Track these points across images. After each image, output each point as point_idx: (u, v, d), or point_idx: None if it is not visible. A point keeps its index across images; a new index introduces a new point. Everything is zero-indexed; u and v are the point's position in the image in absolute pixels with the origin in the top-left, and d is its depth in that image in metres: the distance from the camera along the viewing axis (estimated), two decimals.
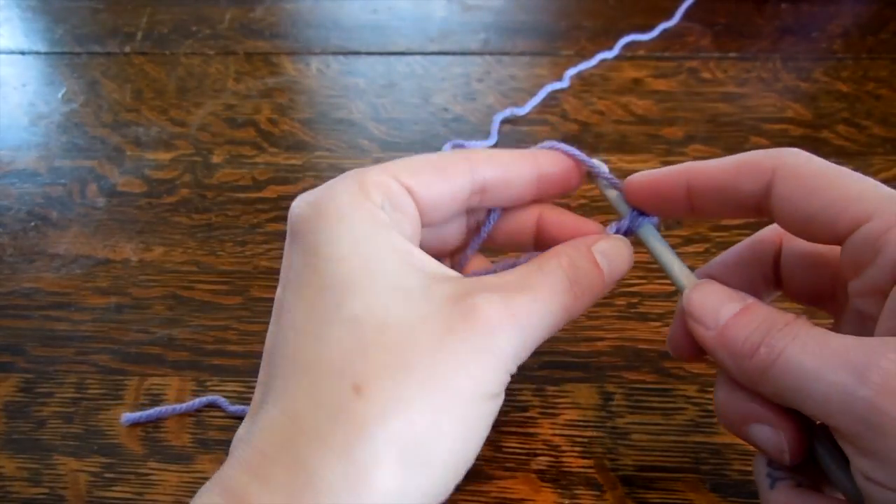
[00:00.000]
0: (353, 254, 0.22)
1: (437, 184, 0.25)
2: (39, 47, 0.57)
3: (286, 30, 0.58)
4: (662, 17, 0.57)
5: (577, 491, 0.29)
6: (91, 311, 0.37)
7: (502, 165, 0.26)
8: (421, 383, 0.20)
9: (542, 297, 0.22)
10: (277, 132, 0.48)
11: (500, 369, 0.21)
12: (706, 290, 0.23)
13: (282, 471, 0.19)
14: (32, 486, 0.30)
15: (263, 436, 0.20)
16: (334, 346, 0.20)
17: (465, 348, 0.21)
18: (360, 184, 0.23)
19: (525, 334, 0.22)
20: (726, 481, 0.29)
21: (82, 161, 0.46)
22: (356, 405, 0.19)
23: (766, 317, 0.21)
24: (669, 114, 0.48)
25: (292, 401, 0.20)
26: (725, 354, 0.22)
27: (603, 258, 0.24)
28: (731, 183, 0.23)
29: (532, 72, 0.53)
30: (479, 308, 0.21)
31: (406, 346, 0.20)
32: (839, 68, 0.52)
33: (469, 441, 0.21)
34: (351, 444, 0.19)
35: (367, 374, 0.20)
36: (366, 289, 0.21)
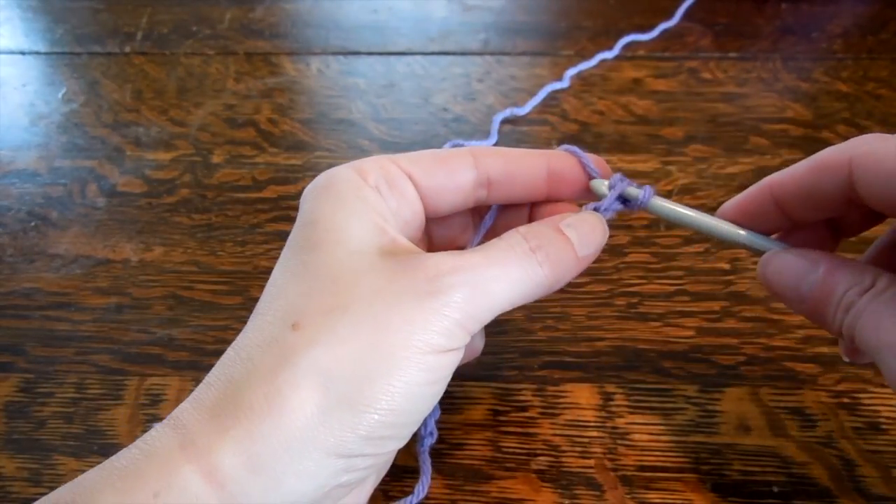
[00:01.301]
0: (329, 218, 0.23)
1: (439, 172, 0.26)
2: (39, 47, 0.57)
3: (286, 30, 0.58)
4: (662, 17, 0.57)
5: (577, 491, 0.29)
6: (91, 311, 0.37)
7: (508, 159, 0.26)
8: (353, 322, 0.21)
9: (495, 255, 0.23)
10: (277, 132, 0.48)
11: (445, 318, 0.21)
12: (780, 264, 0.24)
13: (215, 394, 0.21)
14: (32, 486, 0.30)
15: (214, 370, 0.22)
16: (290, 293, 0.22)
17: (404, 292, 0.21)
18: (356, 166, 0.25)
19: (476, 288, 0.22)
20: (726, 481, 0.29)
21: (82, 161, 0.46)
22: (289, 336, 0.21)
23: (847, 285, 0.22)
24: (669, 114, 0.48)
25: (241, 338, 0.22)
26: (823, 325, 0.23)
27: (570, 229, 0.24)
28: (814, 186, 0.23)
29: (532, 72, 0.53)
30: (424, 259, 0.22)
31: (349, 291, 0.21)
32: (839, 68, 0.52)
33: (407, 391, 0.21)
34: (275, 370, 0.20)
35: (306, 312, 0.21)
36: (329, 248, 0.23)
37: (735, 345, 0.34)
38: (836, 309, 0.22)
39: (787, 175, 0.24)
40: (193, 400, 0.21)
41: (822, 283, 0.22)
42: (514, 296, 0.23)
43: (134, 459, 0.20)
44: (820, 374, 0.33)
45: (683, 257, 0.38)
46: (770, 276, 0.24)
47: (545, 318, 0.35)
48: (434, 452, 0.30)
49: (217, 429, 0.20)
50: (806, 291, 0.23)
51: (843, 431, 0.30)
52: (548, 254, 0.23)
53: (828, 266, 0.23)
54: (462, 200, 0.26)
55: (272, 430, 0.20)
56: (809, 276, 0.23)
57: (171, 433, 0.20)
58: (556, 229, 0.24)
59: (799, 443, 0.30)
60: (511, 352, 0.34)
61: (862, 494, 0.28)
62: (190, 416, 0.21)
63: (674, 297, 0.36)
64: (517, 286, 0.23)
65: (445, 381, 0.23)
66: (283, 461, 0.20)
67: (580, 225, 0.25)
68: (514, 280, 0.23)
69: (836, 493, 0.28)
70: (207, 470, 0.19)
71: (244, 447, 0.20)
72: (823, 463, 0.29)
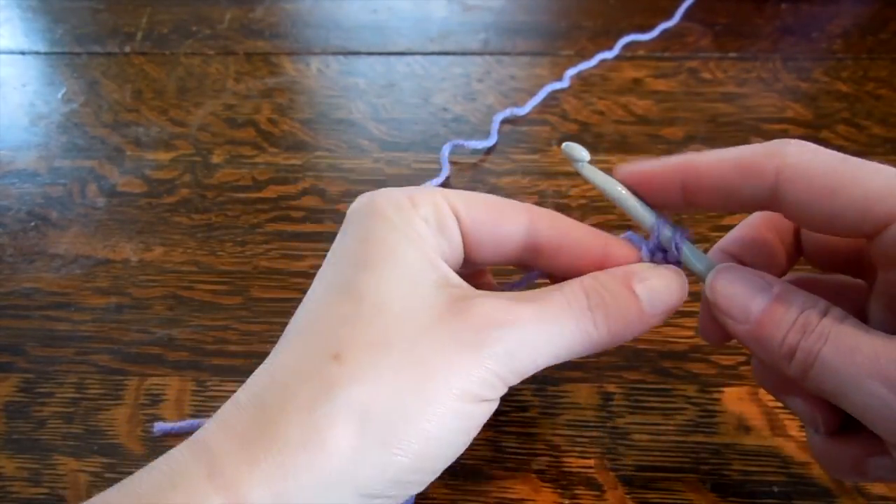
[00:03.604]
0: (381, 240, 0.22)
1: (488, 222, 0.24)
2: (39, 47, 0.57)
3: (286, 30, 0.58)
4: (662, 17, 0.57)
5: (577, 491, 0.29)
6: (91, 311, 0.37)
7: (564, 232, 0.24)
8: (396, 361, 0.20)
9: (550, 310, 0.22)
10: (277, 132, 0.48)
11: (487, 370, 0.21)
12: (730, 279, 0.22)
13: (246, 420, 0.20)
14: (32, 486, 0.30)
15: (244, 389, 0.21)
16: (332, 314, 0.21)
17: (448, 338, 0.21)
18: (409, 194, 0.24)
19: (523, 343, 0.21)
20: (726, 481, 0.29)
21: (82, 161, 0.46)
22: (329, 369, 0.20)
23: (799, 310, 0.20)
24: (669, 114, 0.48)
25: (277, 360, 0.21)
26: (762, 351, 0.21)
27: (642, 286, 0.23)
28: (733, 184, 0.22)
29: (532, 72, 0.53)
30: (474, 305, 0.21)
31: (394, 325, 0.21)
32: (839, 68, 0.52)
33: (441, 437, 0.20)
34: (314, 403, 0.20)
35: (349, 343, 0.20)
36: (379, 271, 0.22)
37: (735, 345, 0.34)
38: (789, 330, 0.20)
39: (707, 165, 0.22)
40: (221, 422, 0.20)
41: (774, 302, 0.21)
42: (561, 354, 0.22)
43: (159, 485, 0.19)
44: None
45: None
46: (719, 289, 0.22)
47: None
48: None
49: (247, 459, 0.19)
50: (755, 310, 0.21)
51: None
52: (607, 315, 0.22)
53: (781, 286, 0.21)
54: (504, 257, 0.25)
55: (304, 467, 0.19)
56: (762, 294, 0.21)
57: (198, 459, 0.20)
58: (625, 285, 0.22)
59: (799, 443, 0.30)
60: None
61: (862, 494, 0.28)
62: (218, 440, 0.20)
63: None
64: (567, 346, 0.22)
65: (476, 430, 0.22)
66: (310, 499, 0.19)
67: (655, 281, 0.23)
68: (566, 339, 0.22)
69: (836, 493, 0.28)
70: (235, 503, 0.19)
71: (275, 482, 0.19)
72: None
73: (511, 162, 0.45)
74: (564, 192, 0.42)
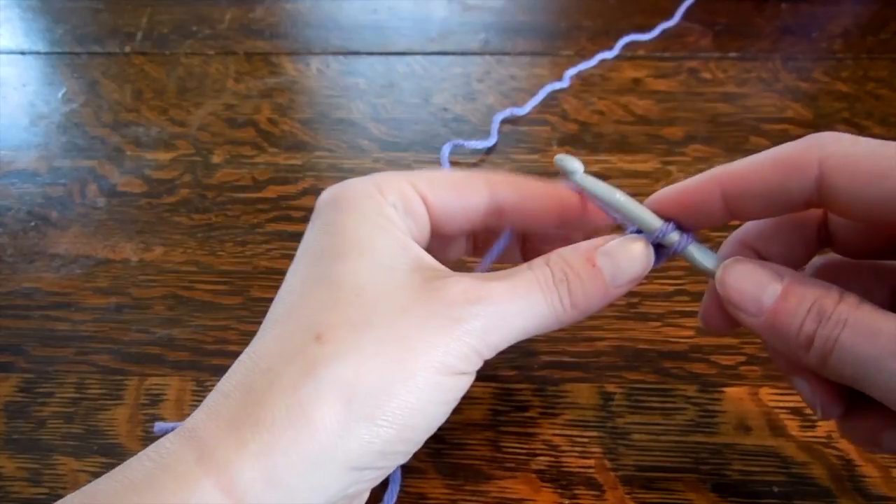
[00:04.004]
0: (353, 230, 0.23)
1: (453, 198, 0.26)
2: (39, 47, 0.57)
3: (286, 30, 0.58)
4: (662, 17, 0.57)
5: (577, 491, 0.29)
6: (91, 311, 0.37)
7: (520, 190, 0.26)
8: (378, 339, 0.21)
9: (520, 287, 0.23)
10: (277, 132, 0.48)
11: (464, 344, 0.22)
12: (740, 273, 0.22)
13: (233, 405, 0.20)
14: (32, 486, 0.30)
15: (228, 377, 0.22)
16: (313, 302, 0.22)
17: (427, 315, 0.21)
18: (376, 183, 0.25)
19: (496, 318, 0.22)
20: (726, 481, 0.29)
21: (82, 161, 0.46)
22: (312, 349, 0.21)
23: (814, 297, 0.20)
24: (669, 114, 0.48)
25: (260, 346, 0.22)
26: (779, 342, 0.21)
27: (604, 258, 0.23)
28: (776, 185, 0.21)
29: (532, 72, 0.53)
30: (449, 284, 0.22)
31: (374, 306, 0.22)
32: (839, 68, 0.52)
33: (423, 409, 0.21)
34: (298, 383, 0.20)
35: (331, 324, 0.21)
36: (354, 259, 0.23)
37: (735, 345, 0.34)
38: (805, 318, 0.20)
39: (745, 170, 0.22)
40: (209, 409, 0.21)
41: (786, 293, 0.21)
42: (531, 327, 0.23)
43: (149, 472, 0.20)
44: None
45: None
46: (730, 283, 0.22)
47: None
48: (434, 452, 0.30)
49: (236, 442, 0.20)
50: (767, 300, 0.21)
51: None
52: (571, 290, 0.23)
53: (792, 277, 0.21)
54: (470, 226, 0.27)
55: (292, 444, 0.20)
56: (772, 286, 0.21)
57: (187, 445, 0.20)
58: (587, 261, 0.23)
59: (799, 443, 0.30)
60: (511, 352, 0.34)
61: (862, 494, 0.28)
62: (206, 426, 0.20)
63: (673, 297, 0.36)
64: (536, 319, 0.23)
65: (456, 401, 0.23)
66: (300, 474, 0.20)
67: (617, 253, 0.23)
68: (535, 313, 0.23)
69: (836, 493, 0.28)
70: (226, 484, 0.19)
71: (263, 461, 0.19)
72: (823, 463, 0.29)
73: (511, 162, 0.45)
74: None
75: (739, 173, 0.22)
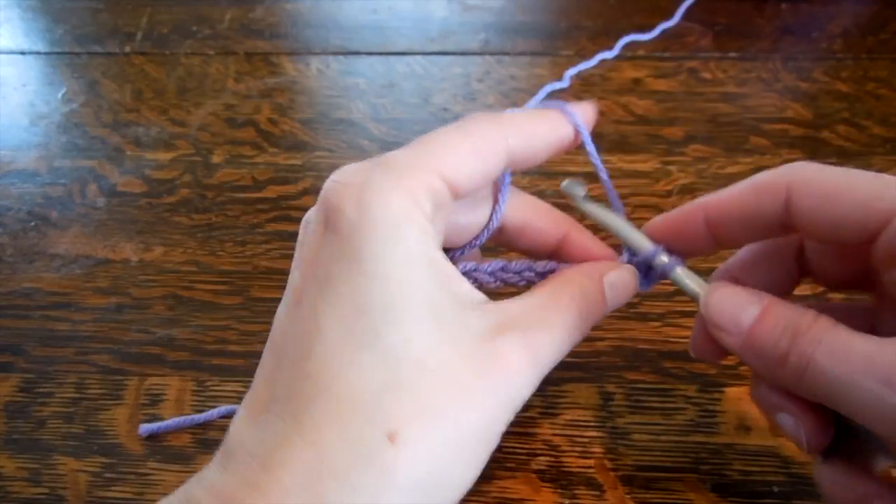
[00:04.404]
0: (397, 275, 0.21)
1: (478, 170, 0.24)
2: (39, 47, 0.57)
3: (286, 30, 0.58)
4: (662, 17, 0.57)
5: (577, 491, 0.29)
6: (91, 311, 0.37)
7: (529, 135, 0.25)
8: (449, 429, 0.20)
9: (558, 334, 0.23)
10: (277, 132, 0.48)
11: (513, 409, 0.22)
12: (722, 295, 0.23)
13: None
14: (32, 486, 0.30)
15: (284, 465, 0.19)
16: (370, 379, 0.20)
17: (489, 393, 0.21)
18: (409, 189, 0.21)
19: (541, 373, 0.23)
20: (726, 481, 0.29)
21: (82, 161, 0.46)
22: (388, 454, 0.19)
23: (789, 318, 0.21)
24: (669, 114, 0.48)
25: (320, 436, 0.20)
26: (755, 360, 0.22)
27: (610, 289, 0.25)
28: (751, 209, 0.23)
29: (532, 72, 0.53)
30: (504, 354, 0.22)
31: (438, 388, 0.20)
32: (839, 68, 0.52)
33: (471, 474, 0.21)
34: (380, 492, 0.19)
35: (401, 418, 0.20)
36: (404, 316, 0.20)
37: None
38: (780, 336, 0.21)
39: (724, 197, 0.24)
40: (256, 490, 0.19)
41: (763, 313, 0.22)
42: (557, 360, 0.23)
43: None
44: None
45: None
46: (712, 305, 0.23)
47: None
48: None
49: None
50: (745, 320, 0.22)
51: None
52: (588, 316, 0.24)
53: (771, 299, 0.22)
54: (487, 184, 0.26)
55: None
56: (751, 307, 0.22)
57: None
58: (601, 293, 0.25)
59: None
60: None
61: None
62: None
63: (674, 297, 0.36)
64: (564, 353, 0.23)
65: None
66: None
67: (619, 283, 0.25)
68: (565, 348, 0.23)
69: None
70: None
71: None
72: None
73: None
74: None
75: (719, 199, 0.24)
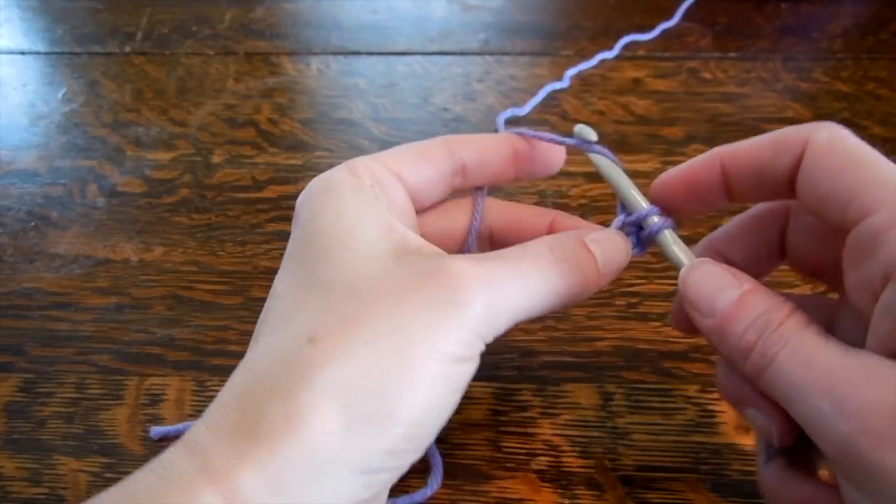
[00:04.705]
0: (335, 224, 0.23)
1: (424, 167, 0.26)
2: (39, 47, 0.57)
3: (286, 30, 0.58)
4: (662, 17, 0.57)
5: (577, 491, 0.29)
6: (91, 311, 0.37)
7: (479, 146, 0.27)
8: (372, 333, 0.20)
9: (520, 266, 0.22)
10: (277, 132, 0.48)
11: (467, 329, 0.21)
12: (703, 273, 0.22)
13: (233, 415, 0.20)
14: (32, 486, 0.30)
15: (226, 388, 0.21)
16: (305, 306, 0.21)
17: (425, 302, 0.21)
18: (350, 168, 0.25)
19: (498, 299, 0.21)
20: (726, 481, 0.29)
21: (82, 161, 0.46)
22: (306, 352, 0.20)
23: (763, 310, 0.21)
24: (669, 114, 0.48)
25: (253, 356, 0.22)
26: (722, 346, 0.22)
27: (595, 245, 0.24)
28: (766, 161, 0.22)
29: (532, 72, 0.53)
30: (446, 265, 0.21)
31: (366, 300, 0.21)
32: (839, 68, 0.52)
33: (427, 403, 0.20)
34: (294, 388, 0.20)
35: (324, 325, 0.21)
36: (341, 256, 0.22)
37: None
38: (747, 329, 0.21)
39: (742, 146, 0.23)
40: (209, 421, 0.20)
41: (739, 300, 0.21)
42: (534, 306, 0.22)
43: (152, 485, 0.19)
44: None
45: None
46: (691, 282, 0.22)
47: (545, 318, 0.35)
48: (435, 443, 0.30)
49: (237, 451, 0.19)
50: (720, 305, 0.21)
51: None
52: (572, 268, 0.23)
53: (751, 286, 0.22)
54: (443, 191, 0.27)
55: (294, 451, 0.19)
56: (729, 291, 0.21)
57: (188, 457, 0.20)
58: (580, 243, 0.24)
59: None
60: (511, 352, 0.34)
61: None
62: (207, 438, 0.20)
63: (674, 296, 0.36)
64: (538, 297, 0.22)
65: (462, 390, 0.22)
66: (305, 482, 0.19)
67: (605, 242, 0.24)
68: (537, 291, 0.22)
69: None
70: (229, 493, 0.19)
71: (265, 469, 0.19)
72: None
73: None
74: (565, 192, 0.42)
75: (737, 148, 0.24)
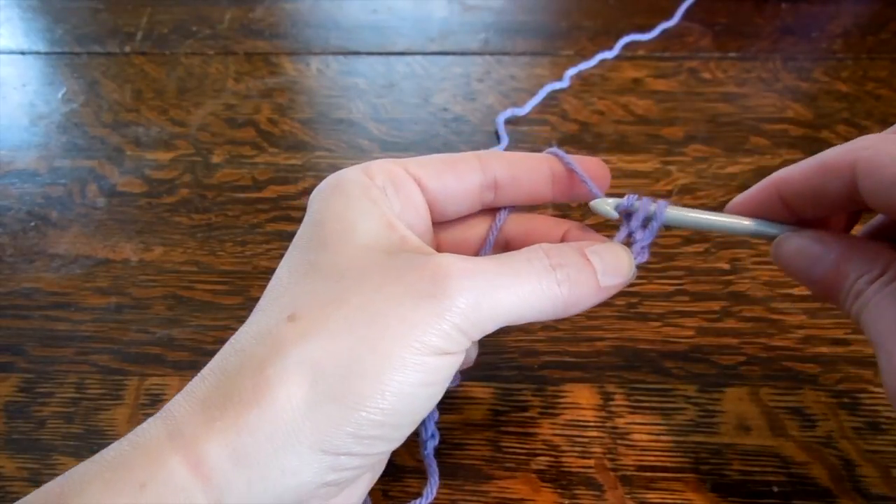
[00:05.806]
0: (338, 218, 0.23)
1: (447, 176, 0.26)
2: (39, 47, 0.57)
3: (286, 30, 0.58)
4: (662, 17, 0.57)
5: (577, 491, 0.29)
6: (91, 311, 0.37)
7: (513, 163, 0.26)
8: (349, 317, 0.20)
9: (511, 267, 0.22)
10: (277, 132, 0.48)
11: (447, 322, 0.20)
12: (792, 249, 0.24)
13: (207, 385, 0.21)
14: (32, 486, 0.29)
15: (210, 364, 0.22)
16: (295, 290, 0.22)
17: (407, 291, 0.21)
18: (365, 168, 0.25)
19: (484, 296, 0.21)
20: (726, 481, 0.29)
21: (82, 161, 0.46)
22: (284, 328, 0.21)
23: (857, 275, 0.22)
24: (669, 114, 0.48)
25: (240, 332, 0.22)
26: (831, 303, 0.23)
27: (595, 256, 0.24)
28: (819, 187, 0.23)
29: (532, 72, 0.53)
30: (433, 259, 0.21)
31: (351, 286, 0.21)
32: (839, 68, 0.52)
33: (400, 391, 0.20)
34: (265, 361, 0.20)
35: (305, 306, 0.21)
36: (337, 248, 0.22)
37: (735, 345, 0.34)
38: (847, 296, 0.22)
39: (793, 174, 0.24)
40: (186, 392, 0.21)
41: (833, 269, 0.22)
42: (523, 309, 0.22)
43: (123, 451, 0.20)
44: (820, 374, 0.33)
45: (683, 257, 0.38)
46: (783, 260, 0.24)
47: None
48: (434, 452, 0.30)
49: (205, 420, 0.20)
50: (818, 276, 0.23)
51: (843, 431, 0.30)
52: (568, 274, 0.22)
53: (840, 251, 0.23)
54: (469, 204, 0.26)
55: (258, 422, 0.19)
56: (822, 261, 0.23)
57: (160, 424, 0.20)
58: (580, 253, 0.23)
59: (799, 443, 0.30)
60: (511, 352, 0.34)
61: (862, 494, 0.28)
62: (180, 407, 0.21)
63: (673, 297, 0.36)
64: (528, 300, 0.22)
65: (443, 384, 0.22)
66: (267, 454, 0.19)
67: (606, 254, 0.24)
68: (526, 293, 0.22)
69: (836, 493, 0.28)
70: (194, 461, 0.19)
71: (230, 439, 0.19)
72: (823, 463, 0.29)
73: None
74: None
75: (789, 176, 0.24)
